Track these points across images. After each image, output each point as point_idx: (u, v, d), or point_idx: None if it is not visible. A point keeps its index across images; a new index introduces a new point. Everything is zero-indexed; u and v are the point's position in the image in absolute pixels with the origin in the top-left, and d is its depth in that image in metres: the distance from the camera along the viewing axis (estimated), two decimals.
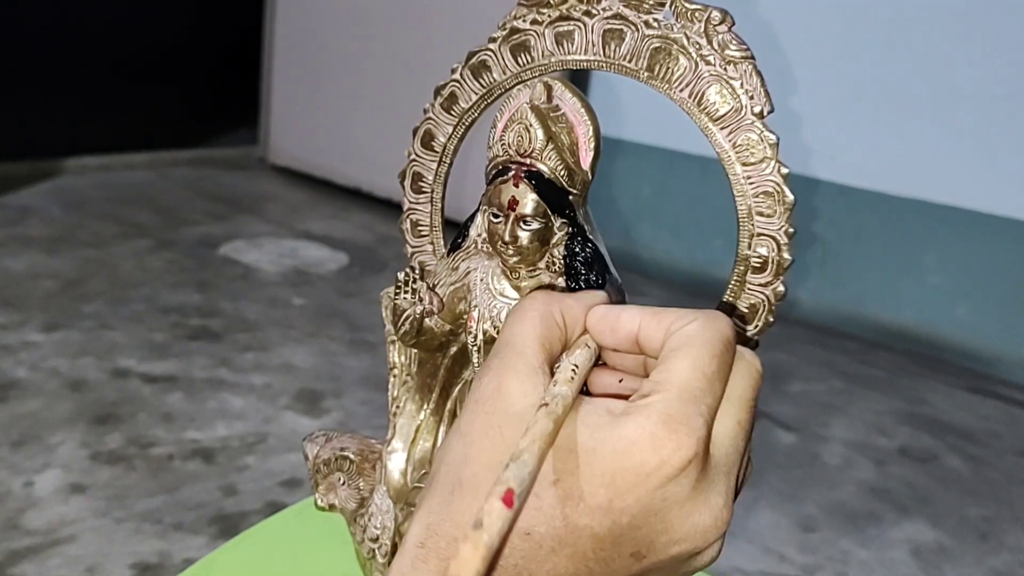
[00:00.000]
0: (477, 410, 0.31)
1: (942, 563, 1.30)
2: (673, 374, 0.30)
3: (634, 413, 0.29)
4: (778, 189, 0.39)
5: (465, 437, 0.31)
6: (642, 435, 0.29)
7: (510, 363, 0.32)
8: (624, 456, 0.28)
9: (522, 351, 0.32)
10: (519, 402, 0.31)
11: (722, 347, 0.31)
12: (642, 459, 0.28)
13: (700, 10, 0.39)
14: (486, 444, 0.30)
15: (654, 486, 0.28)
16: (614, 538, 0.29)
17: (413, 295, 0.42)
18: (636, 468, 0.28)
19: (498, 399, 0.31)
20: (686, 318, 0.32)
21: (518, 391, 0.31)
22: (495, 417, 0.31)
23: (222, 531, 1.20)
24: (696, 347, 0.31)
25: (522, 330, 0.33)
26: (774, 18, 2.17)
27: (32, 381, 1.54)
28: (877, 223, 2.15)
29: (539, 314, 0.34)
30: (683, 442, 0.28)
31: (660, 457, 0.28)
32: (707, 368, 0.30)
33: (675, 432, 0.28)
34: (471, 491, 0.30)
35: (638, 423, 0.29)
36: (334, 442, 0.50)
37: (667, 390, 0.30)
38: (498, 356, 0.33)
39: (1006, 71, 1.92)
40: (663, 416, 0.29)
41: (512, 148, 0.40)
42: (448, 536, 0.29)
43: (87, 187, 2.89)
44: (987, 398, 1.89)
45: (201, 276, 2.15)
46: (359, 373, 1.70)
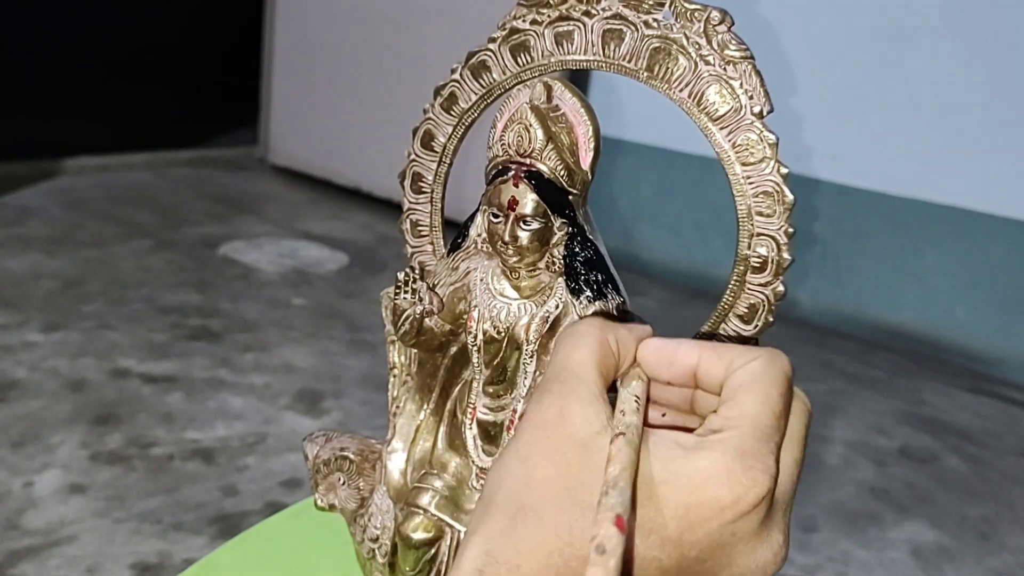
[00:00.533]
0: (538, 435, 0.31)
1: (942, 563, 1.30)
2: (745, 410, 0.30)
3: (708, 448, 0.29)
4: (778, 189, 0.39)
5: (526, 461, 0.30)
6: (718, 470, 0.28)
7: (572, 388, 0.31)
8: (699, 490, 0.28)
9: (583, 377, 0.32)
10: (583, 429, 0.30)
11: (786, 386, 0.31)
12: (717, 494, 0.28)
13: (699, 10, 0.39)
14: (550, 471, 0.30)
15: (727, 521, 0.28)
16: (680, 570, 0.29)
17: (413, 295, 0.42)
18: (711, 503, 0.28)
19: (561, 425, 0.30)
20: (749, 355, 0.32)
21: (581, 417, 0.30)
22: (559, 443, 0.30)
23: (222, 531, 1.20)
24: (765, 385, 0.31)
25: (581, 356, 0.33)
26: (774, 18, 2.17)
27: (32, 381, 1.54)
28: (877, 223, 2.15)
29: (597, 340, 0.33)
30: (758, 479, 0.29)
31: (736, 493, 0.28)
32: (776, 406, 0.30)
33: (751, 469, 0.29)
34: (535, 518, 0.29)
35: (714, 458, 0.29)
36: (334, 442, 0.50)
37: (740, 426, 0.30)
38: (558, 380, 0.32)
39: (1006, 72, 1.92)
40: (738, 452, 0.29)
41: (512, 148, 0.40)
42: (510, 563, 0.29)
43: (87, 187, 2.89)
44: (987, 398, 1.89)
45: (201, 276, 2.15)
46: (359, 373, 1.70)
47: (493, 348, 0.42)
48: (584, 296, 0.41)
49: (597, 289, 0.41)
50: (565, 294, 0.41)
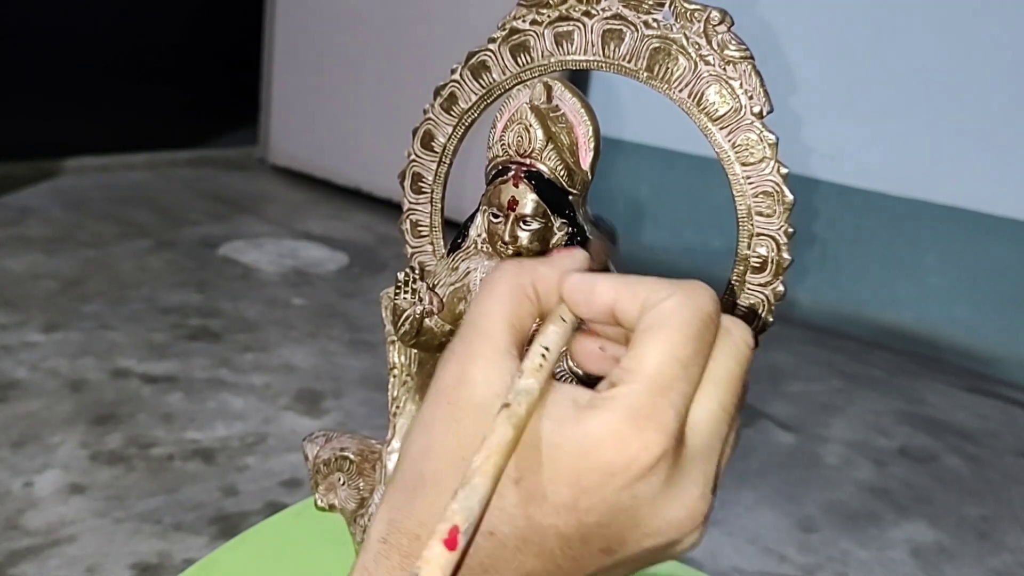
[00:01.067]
0: (439, 400, 0.29)
1: (942, 563, 1.30)
2: (642, 361, 0.27)
3: (599, 407, 0.27)
4: (777, 189, 0.39)
5: (427, 429, 0.29)
6: (606, 433, 0.27)
7: (475, 348, 0.29)
8: (588, 455, 0.27)
9: (487, 332, 0.29)
10: (483, 392, 0.28)
11: (700, 326, 0.28)
12: (607, 459, 0.27)
13: (699, 10, 0.39)
14: (448, 438, 0.28)
15: (620, 485, 0.27)
16: (581, 536, 0.28)
17: (413, 295, 0.42)
18: (601, 468, 0.27)
19: (460, 388, 0.29)
20: (662, 292, 0.29)
21: (482, 379, 0.29)
22: (457, 409, 0.29)
23: (222, 531, 1.20)
24: (670, 329, 0.28)
25: (488, 308, 0.30)
26: (774, 18, 2.17)
27: (32, 381, 1.54)
28: (876, 223, 2.15)
29: (508, 288, 0.30)
30: (650, 439, 0.26)
31: (626, 457, 0.26)
32: (681, 352, 0.27)
33: (642, 430, 0.26)
34: (433, 487, 0.28)
35: (603, 419, 0.27)
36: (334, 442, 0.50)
37: (635, 381, 0.27)
38: (462, 339, 0.30)
39: (1006, 71, 1.92)
40: (629, 411, 0.27)
41: (512, 148, 0.40)
42: (410, 533, 0.28)
43: (87, 187, 2.89)
44: (986, 398, 1.89)
45: (201, 276, 2.15)
46: (359, 373, 1.70)
47: None
48: None
49: None
50: None
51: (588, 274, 0.31)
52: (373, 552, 0.29)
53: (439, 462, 0.28)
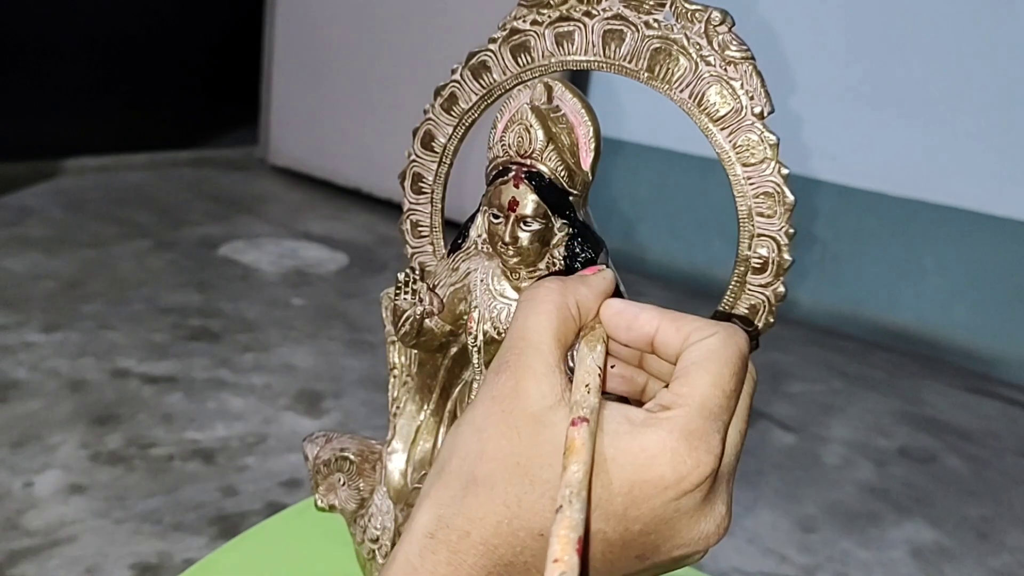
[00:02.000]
0: (493, 408, 0.31)
1: (942, 563, 1.30)
2: (695, 389, 0.30)
3: (655, 425, 0.30)
4: (778, 190, 0.39)
5: (481, 433, 0.31)
6: (663, 449, 0.29)
7: (527, 361, 0.32)
8: (644, 468, 0.29)
9: (539, 347, 0.32)
10: (537, 403, 0.31)
11: (740, 365, 0.31)
12: (661, 473, 0.29)
13: (700, 11, 0.39)
14: (503, 444, 0.30)
15: (670, 499, 0.29)
16: (624, 542, 0.30)
17: (413, 296, 0.42)
18: (655, 481, 0.29)
19: (516, 398, 0.31)
20: (706, 330, 0.32)
21: (536, 392, 0.31)
22: (513, 417, 0.31)
23: (222, 531, 1.20)
24: (717, 363, 0.31)
25: (537, 323, 0.33)
26: (774, 18, 2.17)
27: (32, 381, 1.54)
28: (876, 224, 2.15)
29: (555, 306, 0.33)
30: (702, 459, 0.29)
31: (679, 473, 0.29)
32: (727, 386, 0.31)
33: (695, 449, 0.29)
34: (486, 488, 0.30)
35: (659, 437, 0.29)
36: (334, 443, 0.50)
37: (688, 405, 0.30)
38: (514, 351, 0.32)
39: (1006, 72, 1.92)
40: (684, 432, 0.29)
41: (512, 149, 0.40)
42: (460, 529, 0.30)
43: (87, 187, 2.89)
44: (986, 398, 1.89)
45: (201, 276, 2.15)
46: (359, 373, 1.70)
47: (493, 349, 0.42)
48: None
49: None
50: None
51: (629, 302, 0.35)
52: (419, 546, 0.30)
53: (493, 465, 0.30)
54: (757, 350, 0.42)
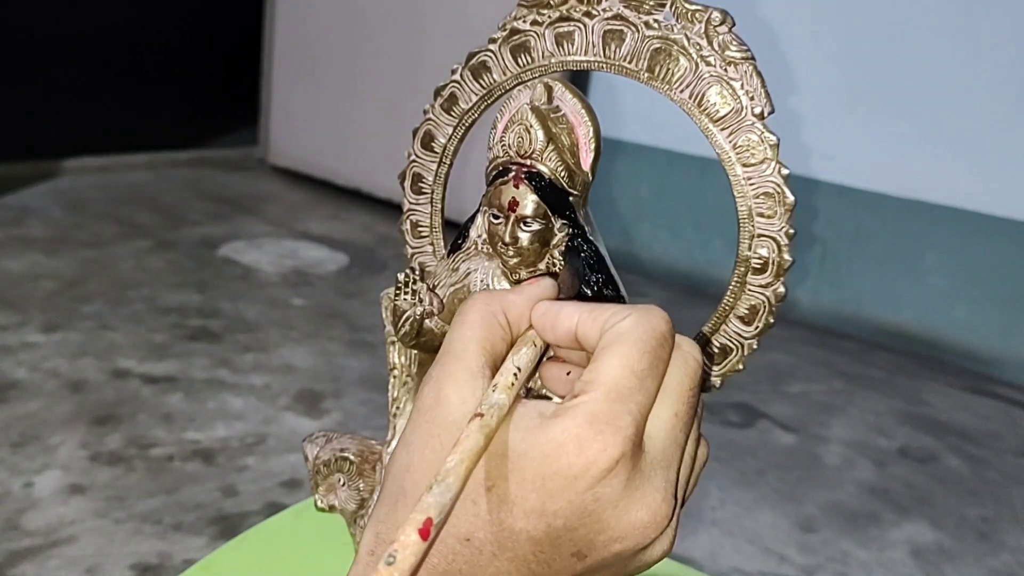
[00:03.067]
0: (419, 419, 0.31)
1: (942, 563, 1.30)
2: (601, 373, 0.30)
3: (561, 415, 0.29)
4: (778, 190, 0.39)
5: (408, 447, 0.31)
6: (568, 437, 0.29)
7: (449, 369, 0.32)
8: (551, 459, 0.29)
9: (460, 355, 0.32)
10: (457, 410, 0.31)
11: (655, 342, 0.31)
12: (568, 462, 0.28)
13: (700, 11, 0.39)
14: (426, 453, 0.31)
15: (583, 488, 0.28)
16: (551, 540, 0.29)
17: (413, 296, 0.42)
18: (563, 471, 0.28)
19: (437, 407, 0.31)
20: (620, 314, 0.32)
21: (456, 398, 0.31)
22: (435, 426, 0.31)
23: (222, 532, 1.20)
24: (627, 344, 0.30)
25: (462, 334, 0.33)
26: (774, 19, 2.17)
27: (32, 382, 1.54)
28: (876, 224, 2.15)
29: (480, 315, 0.33)
30: (608, 442, 0.28)
31: (586, 459, 0.28)
32: (637, 365, 0.30)
33: (600, 433, 0.28)
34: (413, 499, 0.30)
35: (564, 425, 0.29)
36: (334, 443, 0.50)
37: (594, 390, 0.29)
38: (439, 363, 0.32)
39: (1005, 72, 1.92)
40: (589, 417, 0.29)
41: (512, 149, 0.40)
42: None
43: (87, 188, 2.89)
44: (986, 398, 1.89)
45: (201, 277, 2.15)
46: (359, 374, 1.70)
47: None
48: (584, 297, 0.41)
49: (597, 289, 0.41)
50: None
51: (555, 302, 0.35)
52: (363, 564, 0.31)
53: (418, 476, 0.30)
54: (757, 350, 0.42)
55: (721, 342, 0.42)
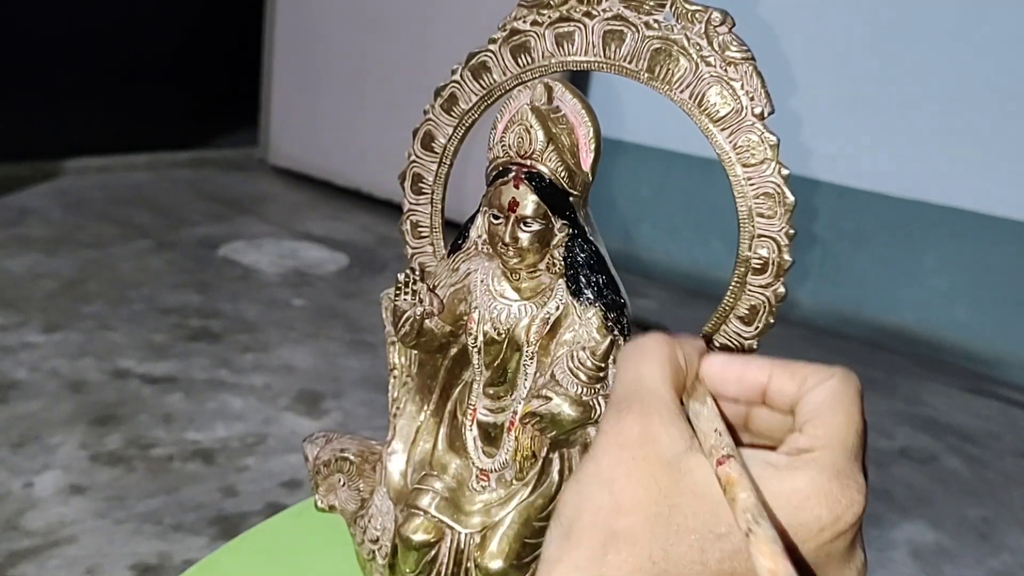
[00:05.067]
0: (622, 456, 0.30)
1: (942, 564, 1.30)
2: (832, 429, 0.30)
3: (802, 468, 0.29)
4: (779, 190, 0.39)
5: (612, 484, 0.29)
6: (817, 489, 0.28)
7: (651, 407, 0.30)
8: (799, 510, 0.28)
9: (660, 395, 0.31)
10: (669, 449, 0.29)
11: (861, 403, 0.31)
12: (818, 514, 0.28)
13: (700, 11, 0.39)
14: (640, 493, 0.29)
15: (825, 541, 0.28)
16: None
17: (413, 296, 0.42)
18: (811, 523, 0.28)
19: (646, 445, 0.30)
20: (823, 372, 0.32)
21: (666, 437, 0.30)
22: (646, 464, 0.29)
23: (222, 532, 1.20)
24: (845, 403, 0.30)
25: (653, 371, 0.32)
26: (774, 19, 2.17)
27: (32, 382, 1.54)
28: (877, 224, 2.15)
29: (667, 356, 0.32)
30: (855, 498, 0.28)
31: (835, 513, 0.28)
32: (858, 425, 0.30)
33: (847, 488, 0.28)
34: (628, 544, 0.28)
35: (810, 477, 0.28)
36: (334, 443, 0.50)
37: (830, 446, 0.29)
38: (635, 399, 0.31)
39: (1005, 73, 1.92)
40: (833, 471, 0.28)
41: (513, 149, 0.40)
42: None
43: (87, 188, 2.89)
44: (986, 399, 1.89)
45: (201, 277, 2.15)
46: (359, 374, 1.70)
47: (493, 350, 0.42)
48: (584, 297, 0.41)
49: (597, 290, 0.41)
50: (565, 295, 0.41)
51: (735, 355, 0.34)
52: None
53: (632, 518, 0.29)
54: (757, 351, 0.42)
55: (721, 342, 0.42)
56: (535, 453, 0.42)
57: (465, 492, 0.44)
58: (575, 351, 0.40)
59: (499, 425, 0.43)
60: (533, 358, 0.42)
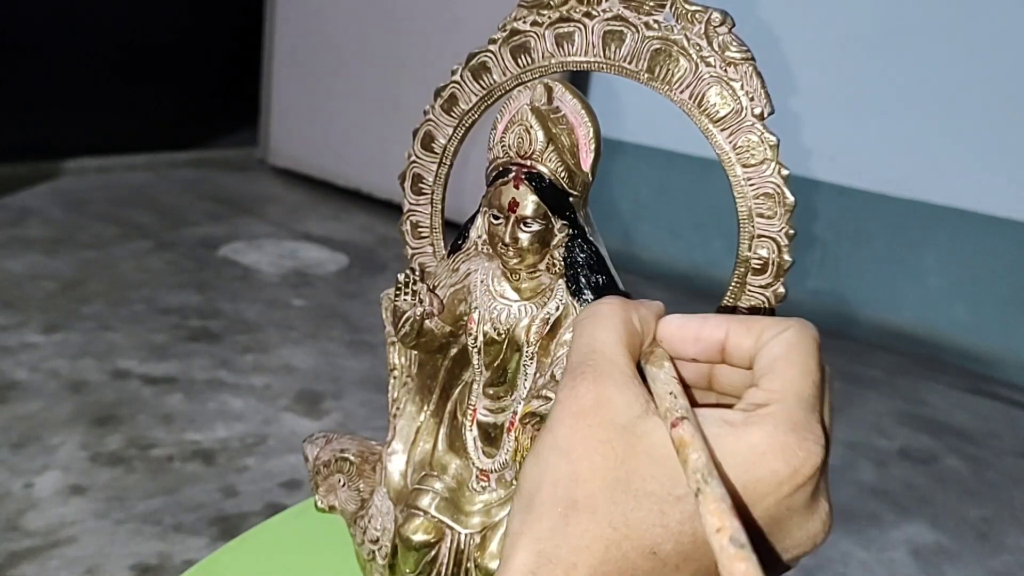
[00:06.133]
0: (578, 424, 0.29)
1: (942, 564, 1.30)
2: (787, 382, 0.29)
3: (758, 423, 0.28)
4: (778, 191, 0.39)
5: (569, 454, 0.29)
6: (773, 444, 0.28)
7: (605, 371, 0.30)
8: (756, 466, 0.28)
9: (614, 359, 0.31)
10: (624, 414, 0.29)
11: (818, 354, 0.31)
12: (774, 468, 0.28)
13: (700, 12, 0.39)
14: (597, 460, 0.28)
15: (784, 495, 0.28)
16: None
17: (413, 297, 0.42)
18: (768, 478, 0.28)
19: (600, 411, 0.29)
20: (780, 325, 0.31)
21: (621, 402, 0.29)
22: (602, 431, 0.29)
23: (222, 532, 1.20)
24: (801, 354, 0.30)
25: (607, 336, 0.31)
26: (774, 19, 2.17)
27: (32, 382, 1.54)
28: (876, 224, 2.15)
29: (621, 320, 0.32)
30: (812, 450, 0.28)
31: (792, 466, 0.28)
32: (814, 375, 0.30)
33: (804, 440, 0.28)
34: (587, 512, 0.28)
35: (766, 432, 0.28)
36: (334, 444, 0.50)
37: (785, 399, 0.29)
38: (588, 364, 0.30)
39: (1005, 73, 1.92)
40: (789, 424, 0.28)
41: (512, 150, 0.40)
42: (566, 562, 0.28)
43: (87, 188, 2.89)
44: (986, 399, 1.89)
45: (201, 277, 2.15)
46: (359, 374, 1.70)
47: (493, 350, 0.42)
48: (584, 297, 0.41)
49: (597, 290, 0.41)
50: (565, 295, 0.41)
51: (691, 315, 0.33)
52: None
53: (590, 486, 0.28)
54: None
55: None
56: None
57: (465, 492, 0.44)
58: None
59: (499, 425, 0.43)
60: (533, 358, 0.42)
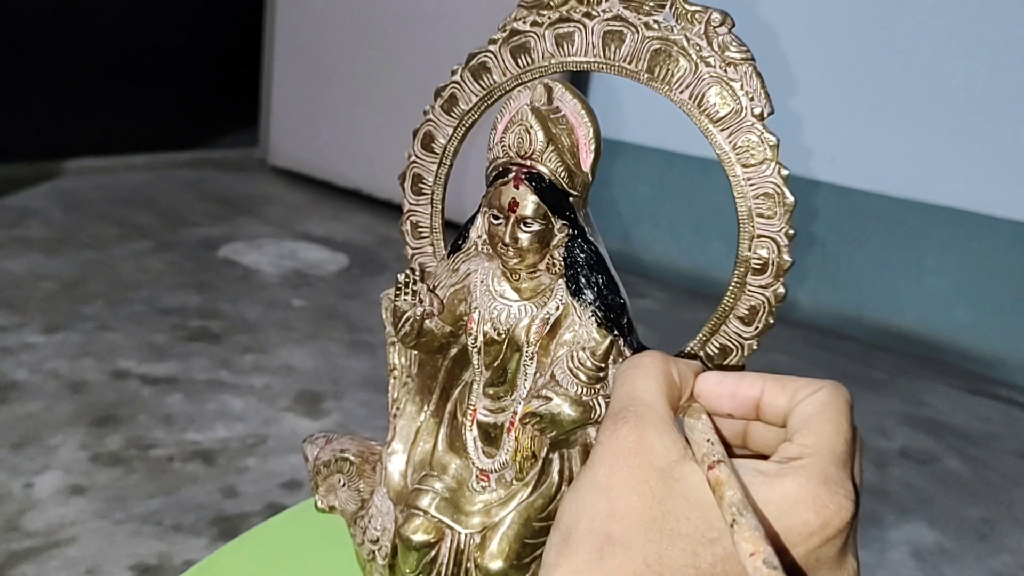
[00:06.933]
0: (617, 464, 0.31)
1: (942, 564, 1.30)
2: (821, 438, 0.31)
3: (791, 474, 0.29)
4: (778, 191, 0.39)
5: (608, 491, 0.30)
6: (805, 495, 0.29)
7: (646, 418, 0.32)
8: (788, 515, 0.29)
9: (655, 407, 0.32)
10: (662, 457, 0.31)
11: (851, 413, 0.32)
12: (806, 519, 0.29)
13: (700, 12, 0.39)
14: (634, 500, 0.30)
15: (814, 546, 0.29)
16: None
17: (413, 297, 0.42)
18: (799, 528, 0.29)
19: (640, 454, 0.31)
20: (813, 385, 0.33)
21: (660, 446, 0.31)
22: (641, 472, 0.30)
23: (222, 533, 1.20)
24: (834, 413, 0.31)
25: (648, 386, 0.33)
26: (774, 19, 2.17)
27: (32, 383, 1.54)
28: (877, 225, 2.15)
29: (661, 371, 0.34)
30: (843, 504, 0.29)
31: (823, 518, 0.29)
32: (847, 434, 0.31)
33: (835, 494, 0.29)
34: (623, 549, 0.29)
35: (799, 483, 0.29)
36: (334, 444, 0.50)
37: (818, 453, 0.30)
38: (630, 410, 0.32)
39: (1005, 73, 1.92)
40: (822, 477, 0.29)
41: (512, 150, 0.40)
42: None
43: (87, 189, 2.89)
44: (987, 399, 1.89)
45: (201, 278, 2.15)
46: (359, 374, 1.70)
47: (493, 350, 0.42)
48: (584, 297, 0.41)
49: (597, 290, 0.41)
50: (565, 295, 0.41)
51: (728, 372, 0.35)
52: None
53: (627, 523, 0.30)
54: (757, 352, 0.42)
55: (721, 342, 0.42)
56: (535, 453, 0.42)
57: (465, 492, 0.44)
58: (575, 351, 0.40)
59: (499, 425, 0.43)
60: (533, 358, 0.42)
